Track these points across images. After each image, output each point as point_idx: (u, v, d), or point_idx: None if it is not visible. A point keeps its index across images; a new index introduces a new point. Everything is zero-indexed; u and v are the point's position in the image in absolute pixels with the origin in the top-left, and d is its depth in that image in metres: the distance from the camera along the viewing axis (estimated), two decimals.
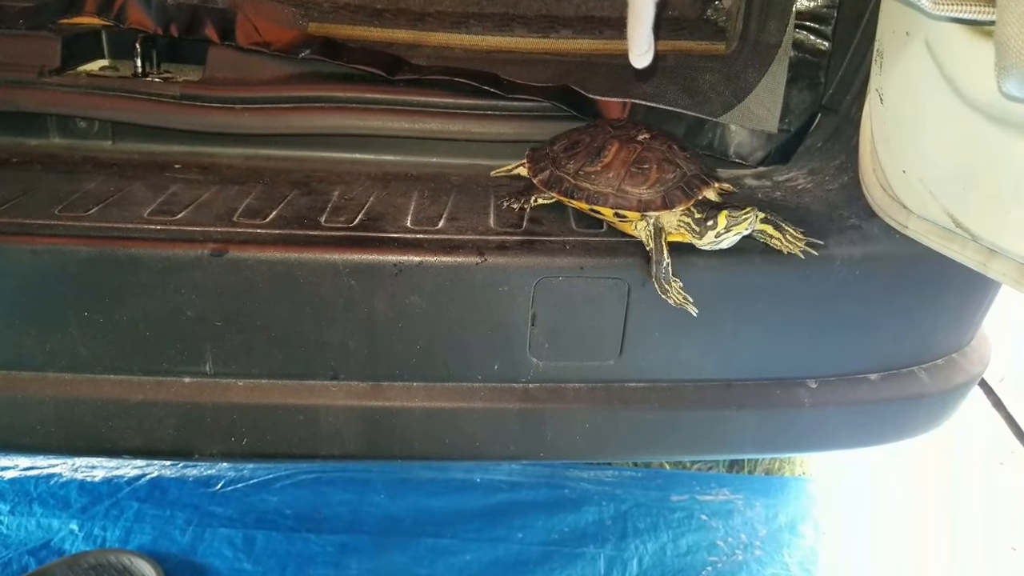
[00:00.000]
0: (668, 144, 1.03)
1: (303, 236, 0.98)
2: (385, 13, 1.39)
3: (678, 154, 1.02)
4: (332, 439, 1.04)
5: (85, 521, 1.74)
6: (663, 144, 1.03)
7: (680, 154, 1.02)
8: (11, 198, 1.01)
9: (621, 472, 1.90)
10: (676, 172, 1.00)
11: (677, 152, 1.02)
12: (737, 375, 1.08)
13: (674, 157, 1.01)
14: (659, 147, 1.02)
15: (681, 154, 1.02)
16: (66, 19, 1.27)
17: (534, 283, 0.97)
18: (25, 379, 1.00)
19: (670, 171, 1.00)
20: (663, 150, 1.02)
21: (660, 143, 1.03)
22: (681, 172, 1.00)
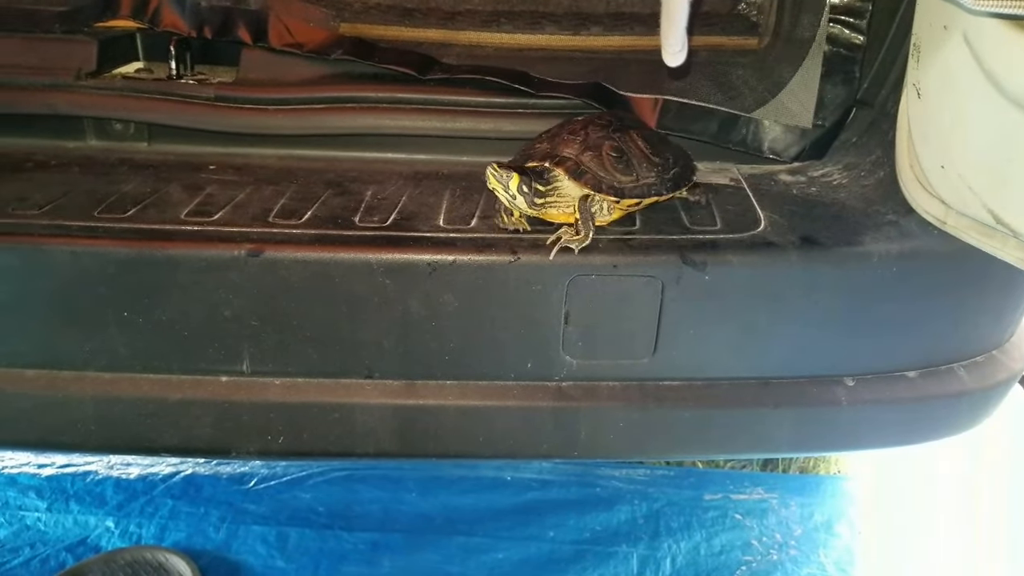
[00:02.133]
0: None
1: (338, 236, 0.98)
2: (415, 12, 1.40)
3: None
4: (367, 437, 1.04)
5: (121, 518, 1.77)
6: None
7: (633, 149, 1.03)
8: (51, 200, 1.03)
9: (653, 471, 1.90)
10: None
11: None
12: (773, 373, 1.07)
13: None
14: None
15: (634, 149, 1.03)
16: (101, 22, 1.28)
17: (567, 281, 0.97)
18: (65, 378, 1.01)
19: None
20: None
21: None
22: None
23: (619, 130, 1.04)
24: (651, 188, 1.01)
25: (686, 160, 1.09)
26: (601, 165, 1.00)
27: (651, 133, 1.09)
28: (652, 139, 1.06)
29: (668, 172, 1.03)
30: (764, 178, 1.20)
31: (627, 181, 1.00)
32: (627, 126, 1.06)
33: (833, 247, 1.02)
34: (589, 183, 0.99)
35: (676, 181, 1.04)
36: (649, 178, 1.01)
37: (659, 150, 1.05)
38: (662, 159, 1.04)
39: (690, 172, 1.07)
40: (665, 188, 1.02)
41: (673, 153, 1.07)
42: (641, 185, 1.00)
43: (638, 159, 1.02)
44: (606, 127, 1.04)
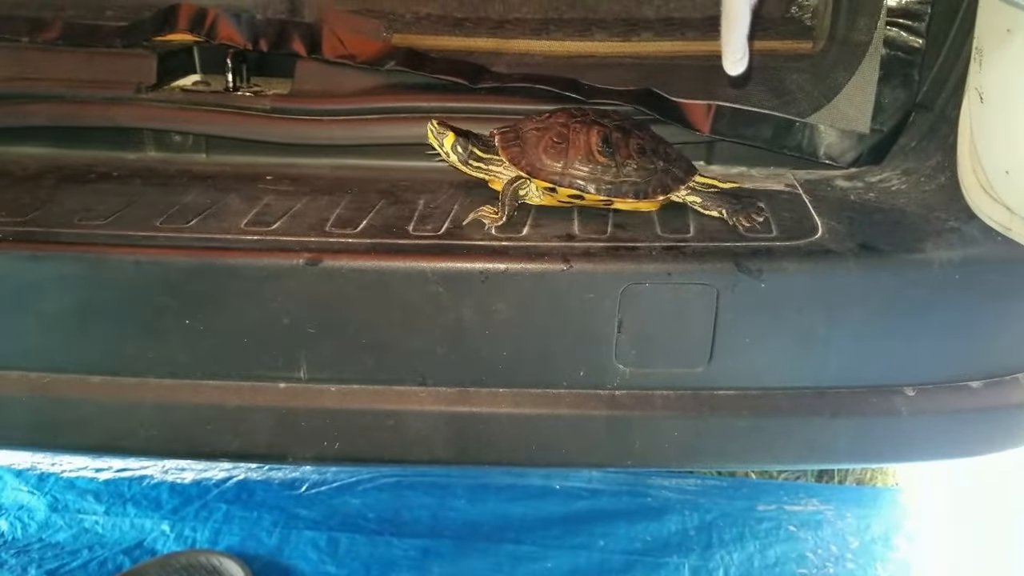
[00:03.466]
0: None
1: (392, 245, 0.99)
2: (466, 22, 1.41)
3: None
4: (420, 444, 1.05)
5: (176, 522, 1.81)
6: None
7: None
8: (115, 211, 1.05)
9: (705, 480, 1.87)
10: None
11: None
12: (831, 382, 1.05)
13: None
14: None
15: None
16: (160, 36, 1.31)
17: (620, 289, 0.97)
18: (128, 384, 1.04)
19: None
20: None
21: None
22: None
23: (620, 129, 1.05)
24: (588, 184, 1.02)
25: (666, 176, 1.06)
26: (541, 148, 1.03)
27: (653, 140, 1.09)
28: (647, 147, 1.06)
29: (629, 175, 1.03)
30: (820, 184, 1.18)
31: (557, 167, 1.02)
32: (632, 127, 1.07)
33: (893, 254, 1.00)
34: (508, 156, 1.04)
35: (636, 188, 1.04)
36: (589, 173, 1.03)
37: (648, 158, 1.05)
38: (637, 163, 1.04)
39: (659, 188, 1.05)
40: (604, 189, 1.03)
41: (660, 164, 1.06)
42: (572, 176, 1.02)
43: (597, 154, 1.02)
44: (601, 122, 1.06)
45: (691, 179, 1.08)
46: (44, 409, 1.05)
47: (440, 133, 1.08)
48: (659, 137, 1.11)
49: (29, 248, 0.98)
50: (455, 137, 1.08)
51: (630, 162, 1.04)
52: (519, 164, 1.04)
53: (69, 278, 0.98)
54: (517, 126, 1.09)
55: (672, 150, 1.10)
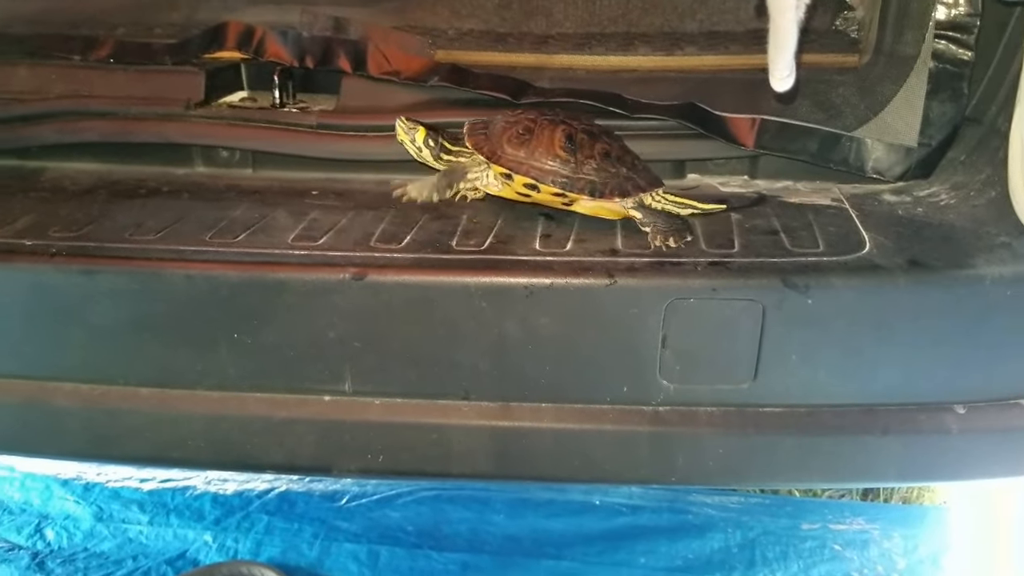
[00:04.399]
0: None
1: (437, 260, 1.00)
2: (508, 37, 1.42)
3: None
4: (464, 458, 1.05)
5: (218, 533, 1.83)
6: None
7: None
8: (166, 225, 1.07)
9: (747, 498, 1.85)
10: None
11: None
12: (879, 399, 1.03)
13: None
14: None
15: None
16: (209, 54, 1.34)
17: (665, 305, 0.96)
18: (177, 396, 1.05)
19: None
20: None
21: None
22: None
23: (588, 132, 1.07)
24: (544, 176, 1.04)
25: (627, 182, 1.07)
26: (505, 138, 1.06)
27: (621, 150, 1.10)
28: (613, 153, 1.08)
29: (587, 174, 1.05)
30: (867, 198, 1.16)
31: (517, 156, 1.04)
32: (601, 133, 1.09)
33: (943, 270, 0.98)
34: (473, 142, 1.07)
35: (592, 186, 1.05)
36: (548, 165, 1.04)
37: (610, 163, 1.06)
38: (598, 164, 1.05)
39: (616, 190, 1.06)
40: (560, 183, 1.04)
41: (622, 171, 1.07)
42: (530, 166, 1.04)
43: (558, 149, 1.04)
44: (569, 123, 1.08)
45: (653, 190, 1.08)
46: (96, 420, 1.07)
47: (411, 129, 1.11)
48: (629, 149, 1.12)
49: (82, 262, 1.01)
50: (426, 132, 1.10)
51: (590, 162, 1.05)
52: (481, 149, 1.07)
53: (121, 291, 1.00)
54: (490, 119, 1.11)
55: (640, 162, 1.11)
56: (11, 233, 1.06)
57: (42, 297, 1.02)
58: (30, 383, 1.08)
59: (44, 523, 1.87)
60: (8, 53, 1.39)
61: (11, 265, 1.01)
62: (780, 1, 0.85)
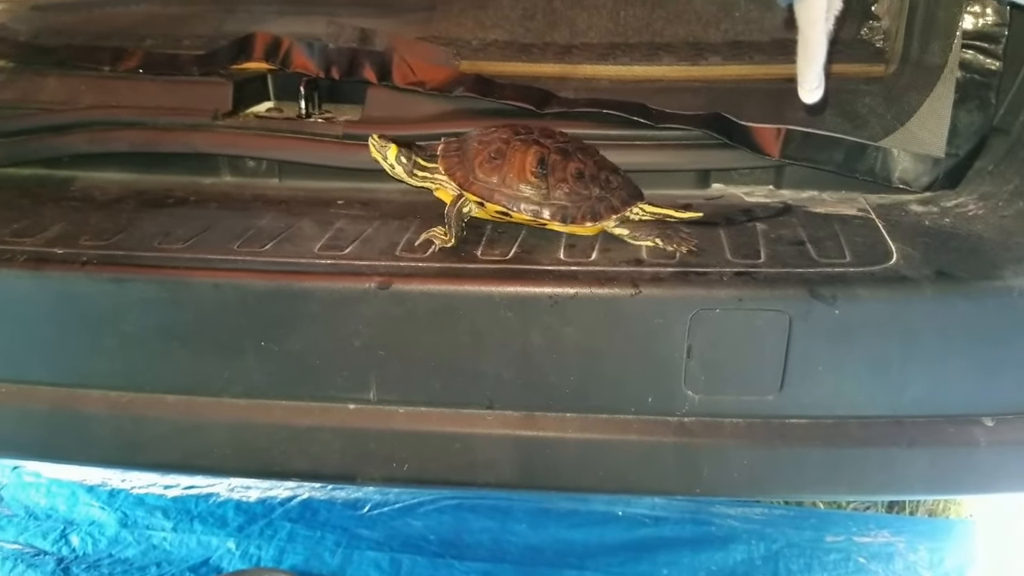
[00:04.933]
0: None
1: (461, 269, 1.00)
2: (532, 48, 1.42)
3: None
4: (488, 467, 1.05)
5: (241, 540, 1.84)
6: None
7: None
8: (193, 235, 1.09)
9: (771, 510, 1.83)
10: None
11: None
12: (906, 411, 1.02)
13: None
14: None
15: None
16: (236, 65, 1.35)
17: (690, 315, 0.96)
18: (204, 404, 1.06)
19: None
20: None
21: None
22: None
23: (561, 152, 1.06)
24: (513, 203, 1.03)
25: (600, 203, 1.05)
26: (477, 162, 1.04)
27: (596, 167, 1.08)
28: (586, 173, 1.06)
29: (559, 199, 1.04)
30: (894, 208, 1.16)
31: (489, 183, 1.03)
32: (576, 150, 1.07)
33: (970, 281, 0.97)
34: (446, 166, 1.06)
35: (563, 212, 1.04)
36: (518, 192, 1.03)
37: (583, 184, 1.05)
38: (570, 188, 1.04)
39: (588, 215, 1.05)
40: (529, 210, 1.03)
41: (595, 191, 1.05)
42: (501, 193, 1.03)
43: (529, 174, 1.03)
44: (542, 142, 1.06)
45: (628, 208, 1.07)
46: (124, 427, 1.08)
47: (383, 147, 1.09)
48: (606, 163, 1.10)
49: (112, 271, 1.02)
50: (398, 149, 1.09)
51: (562, 185, 1.04)
52: (454, 176, 1.06)
53: (150, 300, 1.01)
54: (464, 137, 1.10)
55: (616, 178, 1.08)
56: (43, 242, 1.08)
57: (72, 305, 1.03)
58: (59, 390, 1.09)
59: (69, 529, 1.89)
60: (39, 64, 1.41)
61: (43, 273, 1.02)
62: (810, 13, 0.85)
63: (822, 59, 0.86)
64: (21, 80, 1.38)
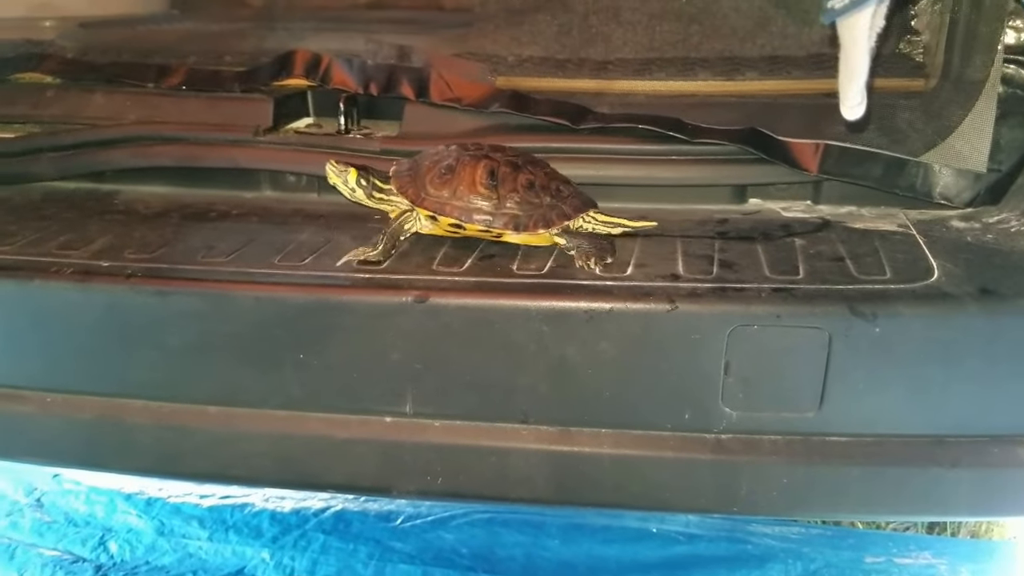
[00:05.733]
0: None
1: (497, 283, 1.01)
2: (568, 64, 1.43)
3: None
4: (522, 482, 1.05)
5: (275, 550, 1.85)
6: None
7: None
8: (235, 248, 1.10)
9: (809, 529, 1.81)
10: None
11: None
12: (949, 431, 1.00)
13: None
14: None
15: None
16: (277, 81, 1.38)
17: (727, 332, 0.95)
18: (243, 415, 1.08)
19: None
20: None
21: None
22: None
23: (511, 164, 1.07)
24: (466, 215, 1.04)
25: (551, 211, 1.07)
26: (428, 178, 1.06)
27: (547, 177, 1.09)
28: (537, 183, 1.07)
29: (510, 208, 1.05)
30: (934, 224, 1.14)
31: (440, 196, 1.04)
32: (526, 163, 1.09)
33: (1014, 298, 0.95)
34: (397, 185, 1.08)
35: (515, 220, 1.05)
36: (470, 203, 1.04)
37: (534, 193, 1.06)
38: (521, 197, 1.05)
39: (540, 222, 1.06)
40: (482, 220, 1.04)
41: (546, 200, 1.07)
42: (453, 206, 1.04)
43: (480, 186, 1.04)
44: (492, 156, 1.08)
45: (580, 215, 1.09)
46: (165, 437, 1.10)
47: (342, 171, 1.10)
48: (556, 175, 1.11)
49: (156, 283, 1.04)
50: (357, 172, 1.10)
51: (513, 195, 1.05)
52: (406, 192, 1.07)
53: (192, 312, 1.03)
54: (416, 156, 1.12)
55: (567, 188, 1.10)
56: (89, 254, 1.10)
57: (117, 316, 1.05)
58: (103, 400, 1.11)
59: (108, 536, 1.92)
60: (86, 80, 1.45)
61: (89, 285, 1.04)
62: (853, 32, 0.85)
63: (864, 76, 0.86)
64: (69, 96, 1.42)
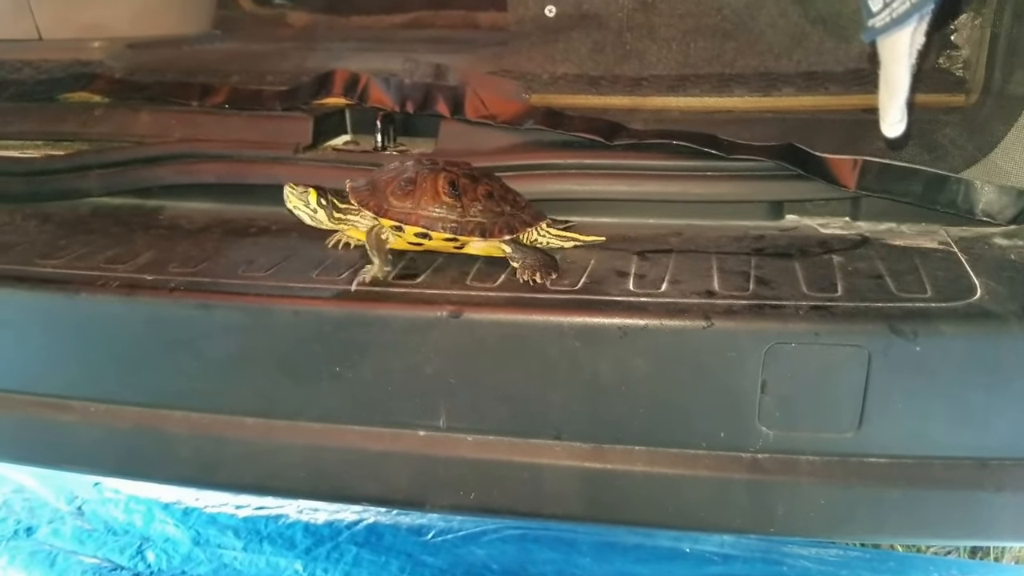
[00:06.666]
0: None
1: (531, 299, 1.01)
2: (602, 80, 1.44)
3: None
4: (555, 498, 1.05)
5: (308, 562, 1.86)
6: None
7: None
8: (275, 263, 1.12)
9: (847, 551, 1.77)
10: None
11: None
12: (994, 453, 0.98)
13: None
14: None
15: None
16: (316, 100, 1.40)
17: (764, 349, 0.94)
18: (280, 427, 1.09)
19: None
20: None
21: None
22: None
23: (469, 177, 1.10)
24: (434, 223, 1.06)
25: (513, 219, 1.10)
26: (390, 191, 1.07)
27: (503, 189, 1.12)
28: (495, 194, 1.10)
29: (475, 216, 1.06)
30: (976, 242, 1.12)
31: (405, 207, 1.05)
32: (482, 176, 1.12)
33: None
34: (358, 199, 1.08)
35: (481, 227, 1.07)
36: (436, 212, 1.06)
37: (494, 203, 1.09)
38: (483, 206, 1.08)
39: (504, 228, 1.08)
40: (450, 227, 1.06)
41: (506, 209, 1.10)
42: (419, 215, 1.06)
43: (443, 196, 1.06)
44: (450, 169, 1.10)
45: (537, 224, 1.12)
46: (204, 448, 1.12)
47: (303, 193, 1.11)
48: (509, 188, 1.13)
49: (199, 297, 1.06)
50: (317, 193, 1.11)
51: (476, 204, 1.07)
52: (368, 205, 1.08)
53: (233, 325, 1.05)
54: (372, 174, 1.13)
55: (522, 199, 1.14)
56: (134, 268, 1.13)
57: (160, 329, 1.08)
58: (144, 410, 1.14)
59: (145, 545, 1.94)
60: (132, 99, 1.49)
61: (133, 298, 1.07)
62: (895, 49, 0.84)
63: (905, 93, 0.85)
64: (116, 115, 1.46)
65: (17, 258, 1.18)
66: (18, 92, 1.56)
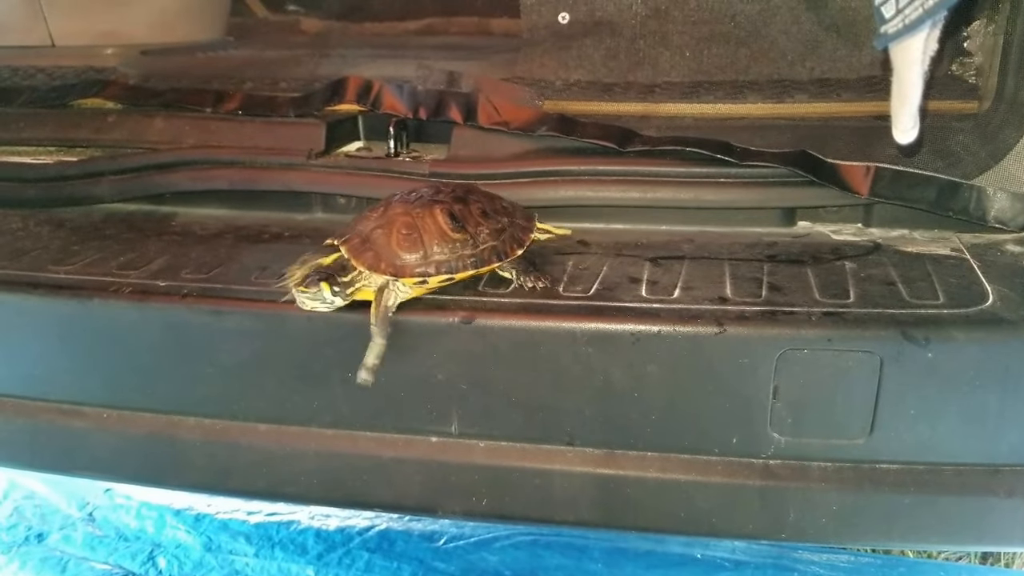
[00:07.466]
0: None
1: (543, 305, 1.01)
2: (615, 87, 1.44)
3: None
4: (567, 504, 1.05)
5: (320, 568, 1.86)
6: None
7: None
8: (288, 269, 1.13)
9: (858, 557, 1.76)
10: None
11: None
12: (1005, 459, 0.98)
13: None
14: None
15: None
16: (329, 106, 1.41)
17: (776, 355, 0.94)
18: (292, 433, 1.10)
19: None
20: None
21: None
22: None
23: (458, 200, 1.05)
24: (455, 263, 1.01)
25: (516, 229, 1.08)
26: (394, 244, 1.00)
27: (489, 199, 1.10)
28: (488, 209, 1.07)
29: (486, 241, 1.04)
30: (989, 248, 1.12)
31: (417, 258, 1.00)
32: (466, 193, 1.08)
33: None
34: (365, 264, 0.99)
35: (495, 251, 1.05)
36: (451, 253, 1.01)
37: (493, 219, 1.06)
38: (489, 229, 1.05)
39: (514, 243, 1.07)
40: (470, 263, 1.02)
41: (504, 220, 1.07)
42: (437, 262, 1.00)
43: (449, 232, 1.02)
44: (439, 200, 1.05)
45: (533, 227, 1.11)
46: (217, 454, 1.13)
47: (316, 292, 0.98)
48: (490, 193, 1.12)
49: (211, 303, 1.07)
50: (327, 284, 0.98)
51: (481, 228, 1.04)
52: (379, 268, 0.99)
53: (246, 331, 1.06)
54: (358, 230, 1.03)
55: (506, 202, 1.12)
56: (147, 274, 1.14)
57: (173, 335, 1.08)
58: (157, 416, 1.14)
59: (157, 551, 1.95)
60: (146, 106, 1.50)
61: (146, 304, 1.08)
62: (907, 55, 0.84)
63: (918, 100, 0.85)
64: (130, 121, 1.47)
65: (30, 264, 1.19)
66: (32, 98, 1.57)
